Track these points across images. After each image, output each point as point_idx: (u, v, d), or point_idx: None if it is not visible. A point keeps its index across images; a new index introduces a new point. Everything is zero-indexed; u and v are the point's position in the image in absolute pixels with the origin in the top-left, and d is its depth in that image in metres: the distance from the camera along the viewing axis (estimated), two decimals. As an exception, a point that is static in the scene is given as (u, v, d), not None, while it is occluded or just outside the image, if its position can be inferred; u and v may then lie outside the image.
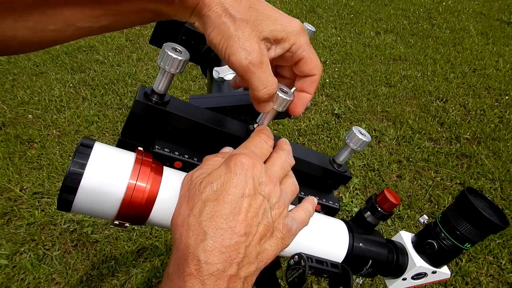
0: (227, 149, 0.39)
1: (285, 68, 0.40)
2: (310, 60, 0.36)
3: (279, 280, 0.53)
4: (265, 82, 0.33)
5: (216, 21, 0.31)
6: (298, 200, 0.42)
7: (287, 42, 0.34)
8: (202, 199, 0.30)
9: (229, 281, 0.27)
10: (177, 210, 0.32)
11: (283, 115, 0.56)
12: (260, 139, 0.36)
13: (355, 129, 0.44)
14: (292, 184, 0.36)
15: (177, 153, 0.39)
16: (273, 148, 0.38)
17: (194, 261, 0.27)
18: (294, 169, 0.38)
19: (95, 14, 0.29)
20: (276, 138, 0.40)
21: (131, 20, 0.32)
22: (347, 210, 1.73)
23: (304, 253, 0.39)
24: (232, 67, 0.32)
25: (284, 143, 0.39)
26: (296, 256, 0.39)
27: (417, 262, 0.48)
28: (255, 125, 0.41)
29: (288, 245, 0.34)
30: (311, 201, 0.40)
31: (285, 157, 0.36)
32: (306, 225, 0.37)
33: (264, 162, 0.35)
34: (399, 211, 1.74)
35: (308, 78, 0.37)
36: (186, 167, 0.40)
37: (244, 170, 0.31)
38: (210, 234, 0.28)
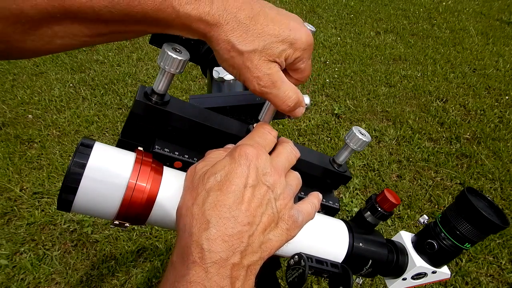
0: (230, 145, 0.39)
1: None
2: (304, 71, 0.37)
3: (279, 280, 0.53)
4: (283, 97, 0.35)
5: (225, 56, 0.32)
6: (297, 200, 0.42)
7: (293, 56, 0.35)
8: (206, 189, 0.30)
9: (232, 269, 0.28)
10: (181, 201, 0.32)
11: (284, 115, 0.56)
12: (264, 130, 0.37)
13: (355, 129, 0.44)
14: (296, 178, 0.36)
15: (177, 153, 0.39)
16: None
17: (198, 249, 0.27)
18: (294, 168, 0.38)
19: (100, 31, 0.30)
20: None
21: (134, 36, 0.33)
22: (347, 210, 1.73)
23: (304, 253, 0.39)
24: (249, 90, 0.35)
25: (286, 139, 0.39)
26: (296, 256, 0.39)
27: (417, 262, 0.48)
28: (255, 125, 0.41)
29: (293, 237, 0.33)
30: (316, 196, 0.40)
31: (290, 149, 0.37)
32: (312, 219, 0.37)
33: (270, 154, 0.35)
34: (399, 211, 1.74)
35: (295, 82, 0.39)
36: (186, 167, 0.40)
37: (248, 161, 0.31)
38: (213, 222, 0.28)
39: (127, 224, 0.35)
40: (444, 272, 0.49)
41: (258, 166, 0.31)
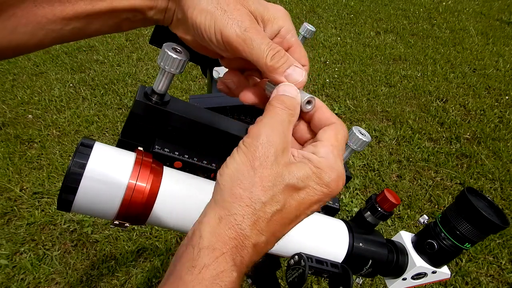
0: (292, 90, 0.30)
1: None
2: (299, 48, 0.32)
3: (279, 280, 0.53)
4: (266, 45, 0.29)
5: None
6: None
7: (276, 24, 0.31)
8: (282, 202, 0.27)
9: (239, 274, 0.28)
10: (247, 176, 0.26)
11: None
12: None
13: (355, 129, 0.44)
14: None
15: (177, 153, 0.39)
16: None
17: (244, 253, 0.26)
18: None
19: (66, 15, 0.28)
20: None
21: (105, 25, 0.30)
22: (347, 210, 1.73)
23: (304, 253, 0.39)
24: (227, 42, 0.29)
25: None
26: (296, 256, 0.39)
27: (417, 262, 0.48)
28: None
29: None
30: None
31: None
32: None
33: None
34: (399, 211, 1.74)
35: None
36: (186, 167, 0.40)
37: (336, 191, 0.28)
38: (270, 240, 0.27)
39: (127, 224, 0.35)
40: (444, 272, 0.49)
41: (336, 193, 0.29)
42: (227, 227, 0.25)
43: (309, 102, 0.31)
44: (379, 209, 0.46)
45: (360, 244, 0.46)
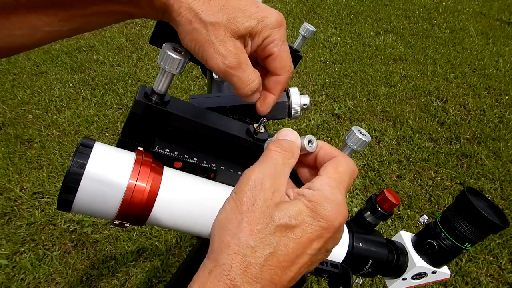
0: (292, 134, 0.32)
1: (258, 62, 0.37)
2: (280, 58, 0.33)
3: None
4: (246, 81, 0.32)
5: (187, 28, 0.30)
6: None
7: (261, 36, 0.32)
8: (275, 244, 0.25)
9: None
10: (235, 223, 0.26)
11: (282, 115, 0.56)
12: (355, 173, 0.32)
13: (355, 129, 0.44)
14: None
15: (177, 153, 0.39)
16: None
17: None
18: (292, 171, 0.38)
19: (61, 18, 0.28)
20: None
21: (101, 21, 0.31)
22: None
23: (304, 253, 0.39)
24: (211, 70, 0.32)
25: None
26: (296, 256, 0.39)
27: (417, 262, 0.48)
28: (255, 125, 0.40)
29: None
30: None
31: None
32: None
33: None
34: (399, 211, 1.74)
35: (273, 78, 0.35)
36: (186, 167, 0.40)
37: (335, 224, 0.27)
38: (264, 285, 0.25)
39: (127, 224, 0.35)
40: (444, 272, 0.49)
41: (338, 236, 0.28)
42: (217, 280, 0.24)
43: (310, 142, 0.31)
44: (379, 209, 0.46)
45: (360, 244, 0.46)
